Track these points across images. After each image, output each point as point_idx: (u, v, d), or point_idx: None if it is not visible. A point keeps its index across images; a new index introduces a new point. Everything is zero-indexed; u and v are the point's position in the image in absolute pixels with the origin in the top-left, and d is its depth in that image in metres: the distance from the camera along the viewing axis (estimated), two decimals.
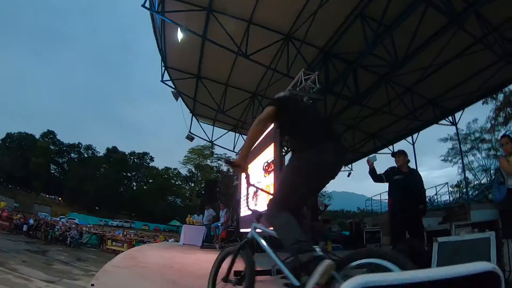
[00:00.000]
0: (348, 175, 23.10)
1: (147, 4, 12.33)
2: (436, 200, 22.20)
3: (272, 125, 10.29)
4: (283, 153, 11.66)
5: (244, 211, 12.47)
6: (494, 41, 11.47)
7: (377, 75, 13.51)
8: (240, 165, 3.15)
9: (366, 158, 7.10)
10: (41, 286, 13.61)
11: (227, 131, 21.80)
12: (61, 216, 66.02)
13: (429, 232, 8.68)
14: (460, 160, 29.50)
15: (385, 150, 20.48)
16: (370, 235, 15.84)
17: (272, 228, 3.01)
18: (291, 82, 9.91)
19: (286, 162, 3.13)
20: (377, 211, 24.32)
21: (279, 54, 13.61)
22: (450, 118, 17.52)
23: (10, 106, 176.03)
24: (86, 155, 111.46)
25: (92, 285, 4.16)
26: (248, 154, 3.15)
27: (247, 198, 10.91)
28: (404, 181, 6.40)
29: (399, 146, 19.75)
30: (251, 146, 3.16)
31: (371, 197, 25.27)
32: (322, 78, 11.39)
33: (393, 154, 6.86)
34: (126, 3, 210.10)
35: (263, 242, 3.13)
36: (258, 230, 3.30)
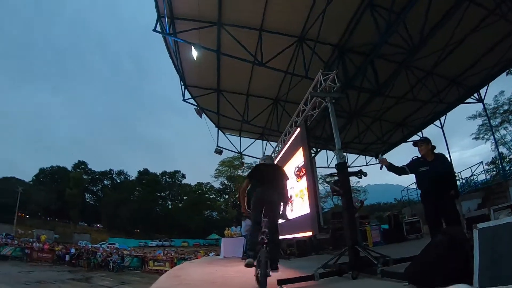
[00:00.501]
0: (381, 168, 22.62)
1: (158, 28, 12.52)
2: (472, 181, 21.70)
3: (298, 130, 10.31)
4: (313, 154, 11.59)
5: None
6: (508, 10, 11.27)
7: (396, 63, 13.35)
8: (244, 213, 6.20)
9: (378, 160, 6.83)
10: None
11: (254, 140, 21.80)
12: (101, 242, 67.11)
13: (468, 219, 8.49)
14: (492, 136, 28.83)
15: (414, 137, 20.04)
16: (410, 226, 15.47)
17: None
18: (311, 83, 9.88)
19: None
20: (414, 200, 23.85)
21: (294, 57, 13.56)
22: (475, 95, 17.24)
23: (40, 143, 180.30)
24: (118, 180, 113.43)
25: None
26: (244, 206, 6.08)
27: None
28: (431, 171, 5.97)
29: (427, 131, 19.53)
30: (244, 202, 6.08)
31: (407, 187, 24.75)
32: (341, 75, 11.35)
33: (415, 144, 6.44)
34: (136, 26, 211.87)
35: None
36: None
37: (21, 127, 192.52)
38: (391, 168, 6.50)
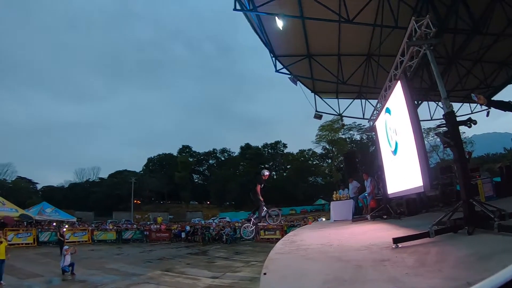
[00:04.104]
0: (487, 115, 21.01)
1: (238, 7, 12.59)
2: None
3: (398, 83, 9.93)
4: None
5: (388, 175, 12.19)
6: None
7: None
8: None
9: (477, 99, 6.06)
10: (207, 282, 14.83)
11: (352, 99, 21.11)
12: (212, 218, 70.70)
13: None
14: None
15: None
16: None
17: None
18: (403, 33, 9.44)
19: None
20: None
21: (380, 8, 12.85)
22: None
23: (144, 136, 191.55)
24: (223, 158, 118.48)
25: (265, 273, 4.36)
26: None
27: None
28: None
29: None
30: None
31: None
32: (433, 19, 10.70)
33: None
34: (211, 9, 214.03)
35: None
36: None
37: (124, 125, 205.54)
38: (493, 103, 5.89)
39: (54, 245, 28.05)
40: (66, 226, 35.55)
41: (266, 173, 12.38)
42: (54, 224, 37.70)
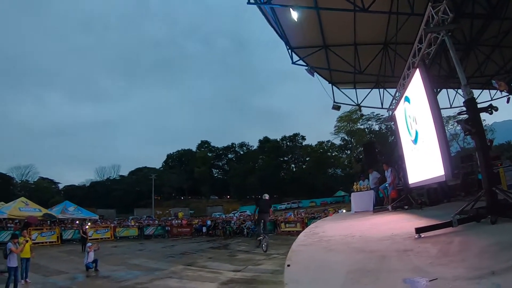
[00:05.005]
0: (507, 101, 20.24)
1: (251, 0, 12.56)
2: None
3: (417, 71, 9.80)
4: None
5: (409, 164, 12.08)
6: None
7: None
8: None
9: (498, 85, 5.93)
10: (229, 275, 14.75)
11: (370, 89, 20.83)
12: (233, 212, 71.08)
13: None
14: None
15: None
16: None
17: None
18: (420, 20, 9.30)
19: None
20: None
21: None
22: None
23: (163, 133, 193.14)
24: (241, 152, 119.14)
25: (288, 265, 4.38)
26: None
27: None
28: None
29: None
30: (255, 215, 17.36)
31: None
32: (449, 4, 10.52)
33: None
34: (227, 4, 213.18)
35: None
36: None
37: (143, 123, 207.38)
38: None
39: (77, 243, 28.51)
40: (89, 223, 35.93)
41: (267, 196, 16.78)
42: (77, 222, 38.02)
